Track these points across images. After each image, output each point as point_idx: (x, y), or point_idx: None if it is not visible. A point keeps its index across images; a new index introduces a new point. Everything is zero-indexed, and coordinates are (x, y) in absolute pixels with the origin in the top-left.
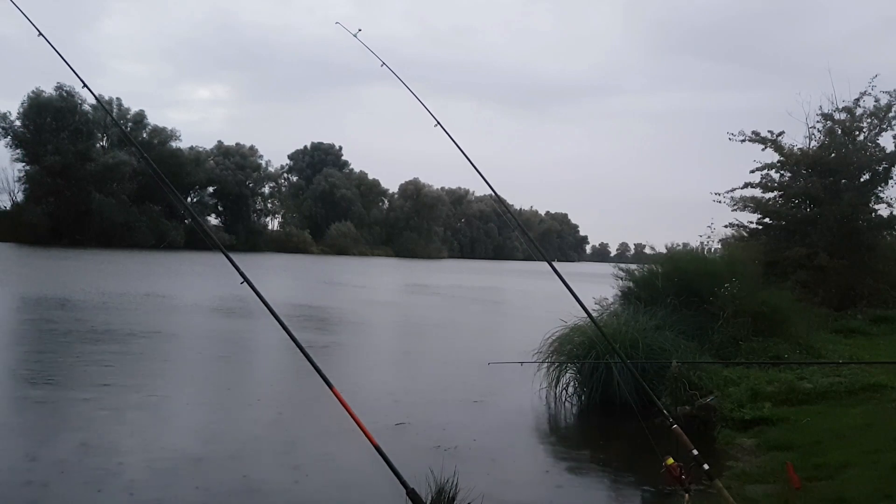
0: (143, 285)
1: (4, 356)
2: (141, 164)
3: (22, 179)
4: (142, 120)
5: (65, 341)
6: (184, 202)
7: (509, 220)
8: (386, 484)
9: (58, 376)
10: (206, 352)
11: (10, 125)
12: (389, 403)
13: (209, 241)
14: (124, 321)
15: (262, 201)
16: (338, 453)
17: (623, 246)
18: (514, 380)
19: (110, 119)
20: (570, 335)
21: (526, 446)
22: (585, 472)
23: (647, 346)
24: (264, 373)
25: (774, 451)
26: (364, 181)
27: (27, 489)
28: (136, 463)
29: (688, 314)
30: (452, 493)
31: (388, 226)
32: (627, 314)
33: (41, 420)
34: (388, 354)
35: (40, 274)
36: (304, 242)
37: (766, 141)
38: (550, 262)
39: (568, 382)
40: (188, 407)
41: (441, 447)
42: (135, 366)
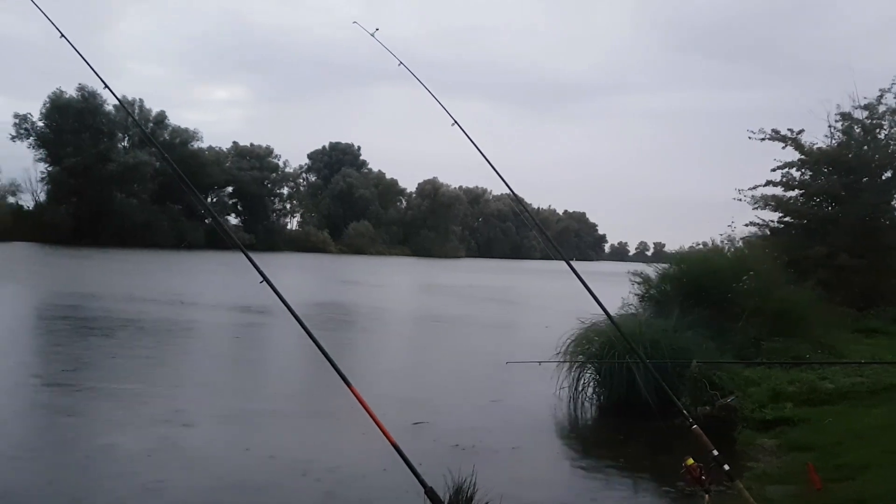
0: (166, 284)
1: (29, 356)
2: (162, 165)
3: (44, 180)
4: (163, 120)
5: (94, 339)
6: (204, 202)
7: (526, 218)
8: (404, 483)
9: (87, 369)
10: (226, 347)
11: (31, 126)
12: (408, 402)
13: (229, 241)
14: (150, 318)
15: (280, 201)
16: (356, 452)
17: (642, 245)
18: (532, 379)
19: (132, 120)
20: (589, 335)
21: (545, 446)
22: (605, 472)
23: (668, 346)
24: (283, 370)
25: (795, 452)
26: (382, 181)
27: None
28: (156, 461)
29: (707, 314)
30: (470, 493)
31: (405, 225)
32: (647, 314)
33: (61, 427)
34: (405, 354)
35: (63, 273)
36: (323, 242)
37: (786, 139)
38: (568, 261)
39: (587, 382)
40: (205, 399)
41: (459, 446)
42: (159, 365)
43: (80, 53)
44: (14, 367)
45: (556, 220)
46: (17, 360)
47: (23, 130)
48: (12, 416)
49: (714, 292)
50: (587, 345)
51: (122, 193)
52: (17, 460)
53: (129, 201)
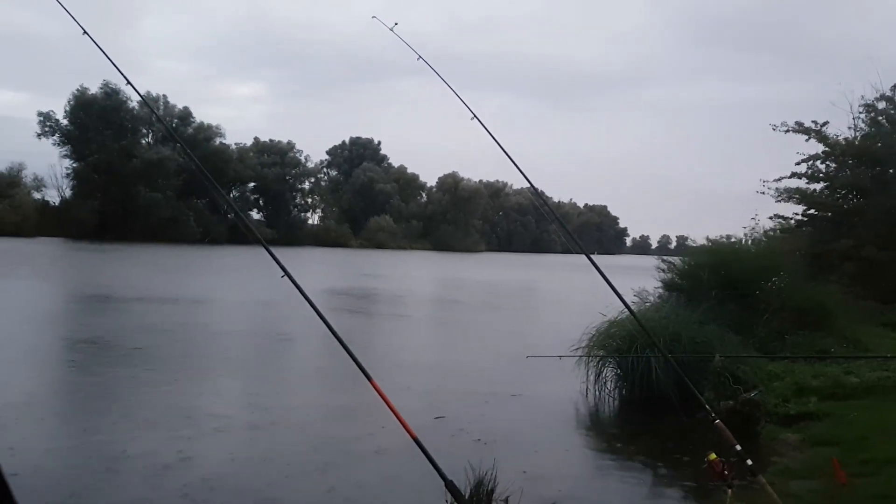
0: (192, 280)
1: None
2: (185, 160)
3: (69, 176)
4: (187, 117)
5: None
6: (227, 198)
7: (547, 212)
8: (425, 476)
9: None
10: (248, 340)
11: (56, 123)
12: (428, 397)
13: (251, 236)
14: (175, 315)
15: (301, 196)
16: (376, 446)
17: (665, 238)
18: (552, 374)
19: (155, 116)
20: (610, 329)
21: (565, 441)
22: (626, 466)
23: (690, 340)
24: (304, 364)
25: (820, 447)
26: (403, 175)
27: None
28: (178, 456)
29: (731, 308)
30: (491, 486)
31: (425, 219)
32: (669, 307)
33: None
34: (425, 348)
35: (91, 268)
36: (344, 236)
37: (809, 131)
38: (588, 255)
39: (608, 377)
40: (227, 394)
41: (480, 441)
42: (179, 357)
43: (102, 50)
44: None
45: (576, 214)
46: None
47: (48, 127)
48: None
49: (743, 286)
50: (608, 339)
51: (146, 189)
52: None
53: (153, 197)
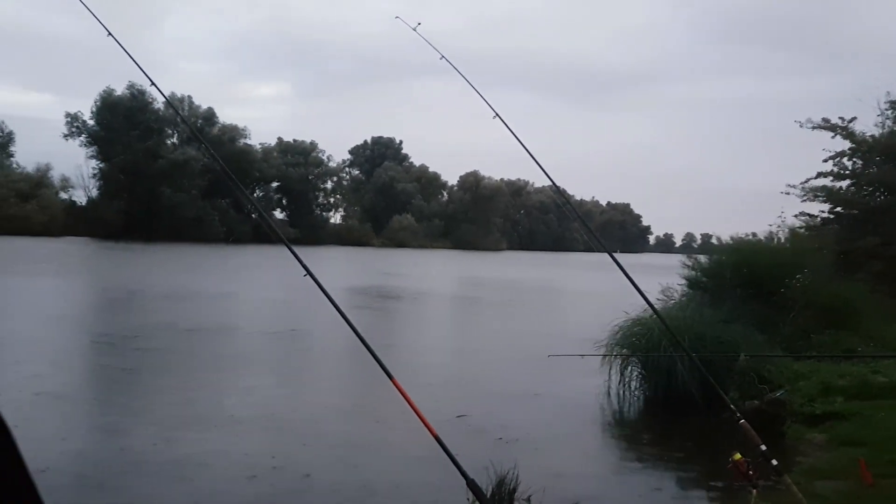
0: (217, 279)
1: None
2: (210, 161)
3: (96, 176)
4: (211, 117)
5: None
6: (250, 198)
7: (569, 210)
8: (446, 475)
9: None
10: (270, 338)
11: (83, 124)
12: (450, 396)
13: (274, 236)
14: (202, 313)
15: (324, 196)
16: (398, 444)
17: (689, 236)
18: (575, 373)
19: (180, 118)
20: (633, 328)
21: (588, 440)
22: (649, 466)
23: (715, 338)
24: (326, 363)
25: (846, 447)
26: (425, 174)
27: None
28: (211, 451)
29: (756, 306)
30: (513, 485)
31: (447, 218)
32: (693, 306)
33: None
34: (447, 347)
35: (117, 267)
36: (365, 235)
37: (836, 128)
38: (611, 253)
39: (631, 376)
40: (251, 392)
41: (502, 440)
42: (203, 355)
43: (127, 52)
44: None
45: (599, 212)
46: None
47: (75, 128)
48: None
49: (768, 284)
50: (631, 338)
51: (171, 189)
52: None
53: (178, 197)
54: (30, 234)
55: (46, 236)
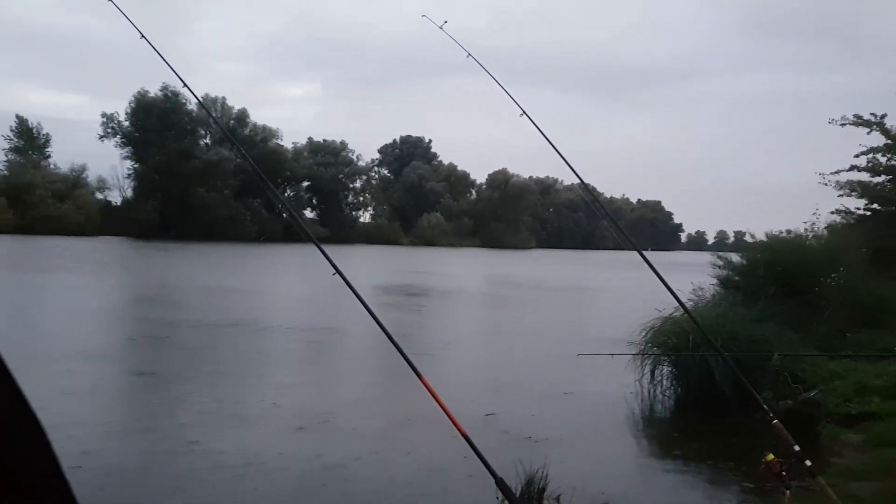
0: (249, 277)
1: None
2: (242, 161)
3: (131, 176)
4: (244, 118)
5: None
6: (280, 197)
7: (597, 208)
8: (475, 473)
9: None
10: (302, 338)
11: (118, 125)
12: (478, 394)
13: (304, 235)
14: (232, 311)
15: (353, 195)
16: (426, 442)
17: (721, 234)
18: (605, 372)
19: (212, 119)
20: (664, 326)
21: (618, 440)
22: (680, 467)
23: (748, 337)
24: (355, 361)
25: (882, 448)
26: (454, 173)
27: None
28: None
29: (790, 304)
30: (542, 484)
31: (475, 216)
32: (726, 305)
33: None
34: (476, 345)
35: (152, 266)
36: (394, 234)
37: (870, 124)
38: (641, 252)
39: (662, 375)
40: (281, 389)
41: (531, 439)
42: (235, 353)
43: (159, 54)
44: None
45: (629, 210)
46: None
47: (110, 129)
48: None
49: (802, 282)
50: (662, 337)
51: (204, 189)
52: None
53: (211, 197)
54: (66, 234)
55: (82, 236)
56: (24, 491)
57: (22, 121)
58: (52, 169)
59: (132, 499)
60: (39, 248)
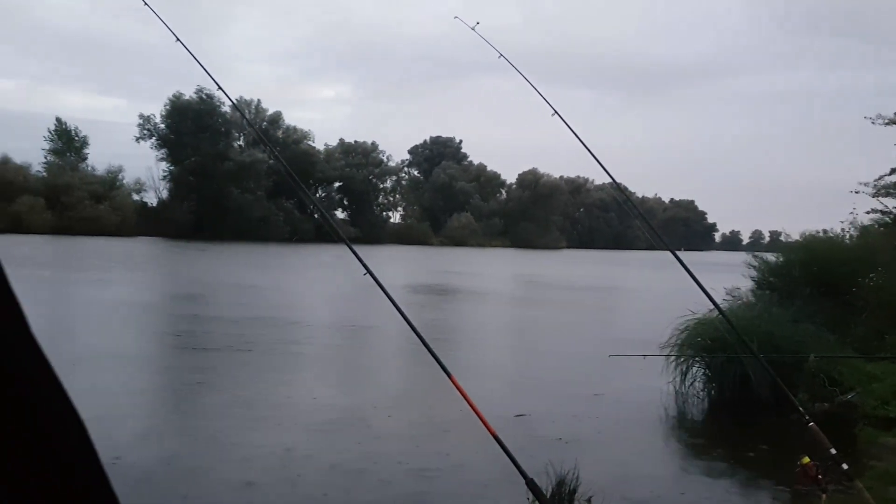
0: (282, 277)
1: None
2: (275, 162)
3: (166, 178)
4: (277, 120)
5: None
6: (312, 198)
7: (629, 207)
8: (505, 474)
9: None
10: (333, 338)
11: (154, 127)
12: (509, 395)
13: (335, 235)
14: (265, 309)
15: (384, 195)
16: (456, 442)
17: (756, 234)
18: (637, 373)
19: (246, 122)
20: (698, 328)
21: (650, 442)
22: (714, 469)
23: (783, 339)
24: (385, 361)
25: None
26: (483, 173)
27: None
28: (277, 450)
29: (826, 305)
30: (573, 486)
31: (505, 216)
32: (761, 306)
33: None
34: (506, 346)
35: (189, 265)
36: (424, 234)
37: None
38: (674, 252)
39: (695, 377)
40: (310, 390)
41: (562, 440)
42: (271, 352)
43: (195, 58)
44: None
45: (662, 209)
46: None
47: (146, 131)
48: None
49: (840, 283)
50: (696, 338)
51: (238, 190)
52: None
53: (245, 198)
54: (103, 235)
55: (119, 236)
56: (68, 488)
57: (60, 123)
58: (90, 171)
59: (164, 497)
60: (78, 248)
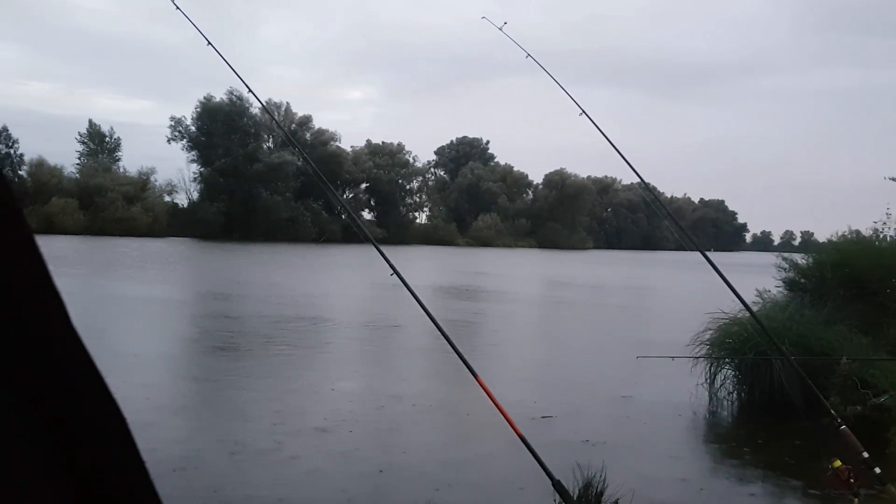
0: (311, 277)
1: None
2: (303, 164)
3: (197, 179)
4: (306, 122)
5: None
6: (340, 199)
7: (658, 208)
8: (532, 475)
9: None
10: (360, 338)
11: (185, 129)
12: (537, 396)
13: (362, 236)
14: (288, 308)
15: (410, 196)
16: (483, 442)
17: (788, 234)
18: (665, 375)
19: (275, 123)
20: (728, 329)
21: (679, 445)
22: (744, 472)
23: (815, 341)
24: (412, 361)
25: None
26: (510, 174)
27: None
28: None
29: (859, 307)
30: (600, 488)
31: (532, 217)
32: (793, 307)
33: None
34: (534, 347)
35: (222, 265)
36: (450, 235)
37: None
38: (703, 252)
39: (725, 379)
40: (336, 390)
41: (589, 442)
42: (298, 348)
43: (226, 60)
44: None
45: (691, 210)
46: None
47: (177, 133)
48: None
49: (873, 284)
50: (726, 339)
51: (267, 191)
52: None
53: (274, 199)
54: (135, 235)
55: (151, 237)
56: (111, 487)
57: (93, 125)
58: (122, 172)
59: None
60: (110, 248)
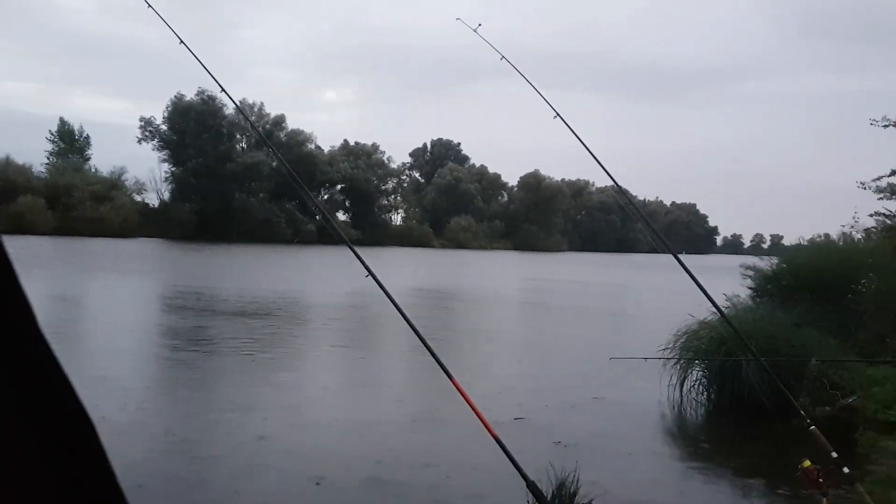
0: (286, 278)
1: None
2: (278, 164)
3: (168, 179)
4: (281, 122)
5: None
6: (314, 200)
7: (631, 210)
8: (505, 476)
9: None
10: (335, 340)
11: (156, 129)
12: (509, 397)
13: (337, 237)
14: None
15: (385, 197)
16: (457, 444)
17: (758, 237)
18: (637, 376)
19: (249, 123)
20: (699, 331)
21: (650, 445)
22: (715, 473)
23: (785, 343)
24: (386, 362)
25: None
26: (485, 175)
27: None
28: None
29: (828, 310)
30: (573, 489)
31: (507, 219)
32: (764, 309)
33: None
34: (507, 349)
35: (192, 266)
36: (426, 236)
37: None
38: (676, 255)
39: (696, 380)
40: (322, 394)
41: (562, 443)
42: (276, 350)
43: (198, 59)
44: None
45: (664, 213)
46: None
47: (148, 133)
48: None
49: (840, 287)
50: (696, 341)
51: (241, 192)
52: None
53: (248, 199)
54: (105, 236)
55: (121, 237)
56: (75, 482)
57: (64, 124)
58: (93, 172)
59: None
60: (83, 249)
